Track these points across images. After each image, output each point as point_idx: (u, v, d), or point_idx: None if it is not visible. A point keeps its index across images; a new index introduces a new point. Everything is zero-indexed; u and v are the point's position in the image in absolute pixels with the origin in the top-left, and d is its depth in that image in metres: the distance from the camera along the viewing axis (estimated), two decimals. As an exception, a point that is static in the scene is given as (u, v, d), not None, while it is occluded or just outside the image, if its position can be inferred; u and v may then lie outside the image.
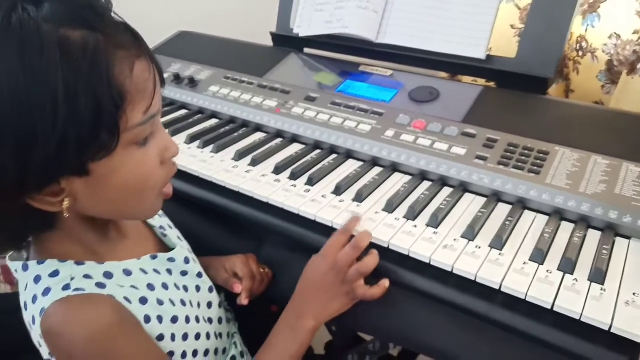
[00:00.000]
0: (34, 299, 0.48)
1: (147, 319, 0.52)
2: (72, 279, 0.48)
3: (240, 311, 0.75)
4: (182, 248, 0.63)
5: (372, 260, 0.58)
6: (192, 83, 0.98)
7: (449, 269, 0.56)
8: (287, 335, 0.60)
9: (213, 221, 0.77)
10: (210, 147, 0.82)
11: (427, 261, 0.57)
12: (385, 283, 0.59)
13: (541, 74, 0.78)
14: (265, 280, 0.72)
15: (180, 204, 0.74)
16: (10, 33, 0.38)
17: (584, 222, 0.61)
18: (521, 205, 0.65)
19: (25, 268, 0.51)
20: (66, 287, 0.47)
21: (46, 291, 0.48)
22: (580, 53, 0.98)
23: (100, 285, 0.49)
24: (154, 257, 0.58)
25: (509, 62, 0.81)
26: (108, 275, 0.51)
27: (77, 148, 0.41)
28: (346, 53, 0.98)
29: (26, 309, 0.50)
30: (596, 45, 0.94)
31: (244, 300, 0.68)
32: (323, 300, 0.60)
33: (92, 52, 0.41)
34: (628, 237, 0.59)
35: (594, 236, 0.60)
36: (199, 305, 0.61)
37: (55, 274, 0.49)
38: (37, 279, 0.49)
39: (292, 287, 0.63)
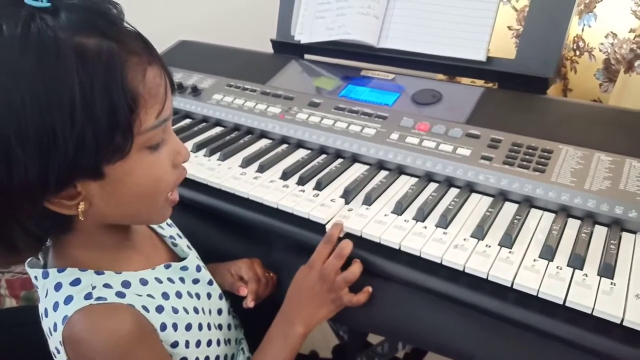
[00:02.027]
0: (55, 306, 0.49)
1: (163, 327, 0.53)
2: (94, 287, 0.49)
3: (245, 318, 0.75)
4: (194, 256, 0.64)
5: (357, 268, 0.62)
6: (195, 92, 0.99)
7: (461, 269, 0.57)
8: (279, 342, 0.64)
9: (220, 228, 0.78)
10: (217, 155, 0.82)
11: (439, 261, 0.58)
12: (368, 289, 0.63)
13: (541, 74, 0.80)
14: (270, 284, 0.73)
15: (188, 212, 0.75)
16: (28, 41, 0.40)
17: (590, 219, 0.63)
18: (528, 203, 0.66)
19: (45, 275, 0.51)
20: (88, 296, 0.48)
21: (68, 299, 0.48)
22: (578, 52, 0.99)
23: (120, 294, 0.50)
24: (167, 267, 0.58)
25: (509, 63, 0.82)
26: (126, 284, 0.52)
27: (93, 150, 0.43)
28: (347, 58, 0.99)
29: (46, 315, 0.50)
30: (593, 44, 0.96)
31: (249, 303, 0.69)
32: (311, 308, 0.64)
33: (106, 57, 0.42)
34: (634, 232, 0.61)
35: (600, 232, 0.61)
36: (210, 312, 0.62)
37: (76, 282, 0.49)
38: (58, 287, 0.50)
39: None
